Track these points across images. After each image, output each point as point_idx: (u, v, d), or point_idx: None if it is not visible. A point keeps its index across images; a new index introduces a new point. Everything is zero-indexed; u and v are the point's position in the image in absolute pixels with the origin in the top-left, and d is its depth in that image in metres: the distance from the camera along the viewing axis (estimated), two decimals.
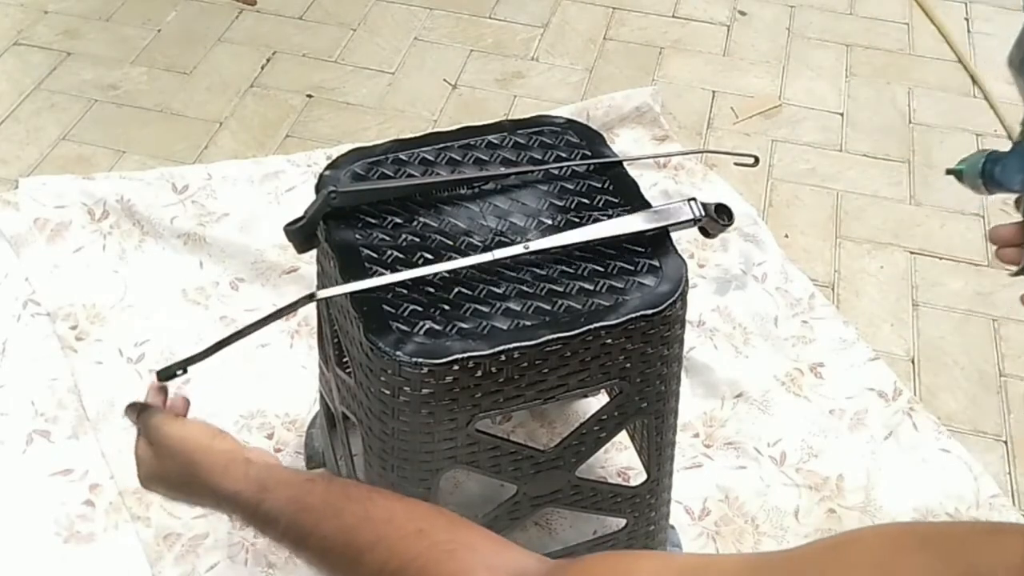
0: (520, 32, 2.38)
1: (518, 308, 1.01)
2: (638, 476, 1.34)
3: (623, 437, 1.37)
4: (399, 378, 0.98)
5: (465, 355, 0.97)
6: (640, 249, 1.07)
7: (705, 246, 1.83)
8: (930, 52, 2.38)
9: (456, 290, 1.02)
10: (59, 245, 1.78)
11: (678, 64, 2.31)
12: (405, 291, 1.01)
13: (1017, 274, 0.88)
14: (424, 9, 2.43)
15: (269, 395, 1.58)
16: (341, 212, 1.09)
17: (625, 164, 1.18)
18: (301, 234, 1.09)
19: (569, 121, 1.23)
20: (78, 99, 2.12)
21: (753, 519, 1.47)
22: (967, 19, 2.48)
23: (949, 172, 0.93)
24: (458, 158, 1.17)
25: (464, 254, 1.05)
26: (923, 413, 1.61)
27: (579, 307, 1.01)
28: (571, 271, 1.05)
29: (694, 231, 1.09)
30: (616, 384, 1.09)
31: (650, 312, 1.01)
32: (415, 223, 1.09)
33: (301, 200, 1.82)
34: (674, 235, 1.09)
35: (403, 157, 1.17)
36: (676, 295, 1.03)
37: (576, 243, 1.05)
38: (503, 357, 0.98)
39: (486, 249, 1.06)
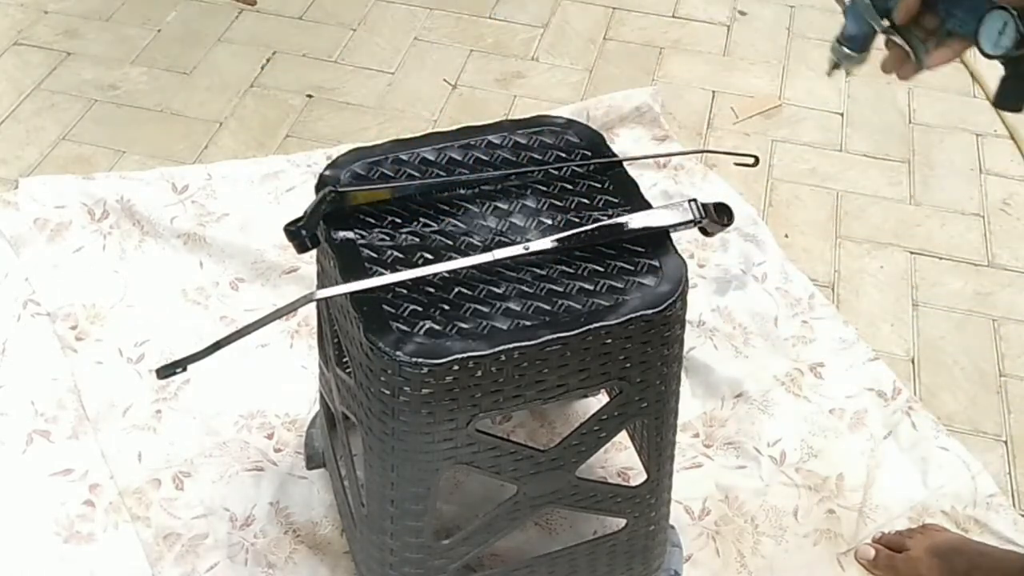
0: (520, 32, 2.38)
1: (518, 308, 1.01)
2: (638, 476, 1.34)
3: (623, 437, 1.37)
4: (399, 378, 0.98)
5: (465, 355, 0.97)
6: (640, 249, 1.07)
7: (705, 246, 1.83)
8: None
9: (456, 290, 1.02)
10: (59, 245, 1.78)
11: (678, 64, 2.31)
12: (405, 291, 1.01)
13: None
14: (424, 9, 2.43)
15: (269, 395, 1.58)
16: (341, 212, 1.09)
17: (625, 164, 1.18)
18: (301, 234, 1.08)
19: (569, 121, 1.23)
20: (78, 99, 2.12)
21: (753, 519, 1.48)
22: None
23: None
24: (458, 158, 1.17)
25: (464, 254, 1.06)
26: (922, 412, 1.61)
27: (579, 307, 1.01)
28: (571, 271, 1.05)
29: (694, 231, 1.09)
30: (616, 384, 1.09)
31: (650, 312, 1.01)
32: (415, 223, 1.09)
33: (301, 200, 1.82)
34: (674, 235, 1.09)
35: (403, 157, 1.17)
36: (676, 295, 1.03)
37: (576, 243, 1.05)
38: (503, 357, 0.98)
39: (486, 249, 1.06)
